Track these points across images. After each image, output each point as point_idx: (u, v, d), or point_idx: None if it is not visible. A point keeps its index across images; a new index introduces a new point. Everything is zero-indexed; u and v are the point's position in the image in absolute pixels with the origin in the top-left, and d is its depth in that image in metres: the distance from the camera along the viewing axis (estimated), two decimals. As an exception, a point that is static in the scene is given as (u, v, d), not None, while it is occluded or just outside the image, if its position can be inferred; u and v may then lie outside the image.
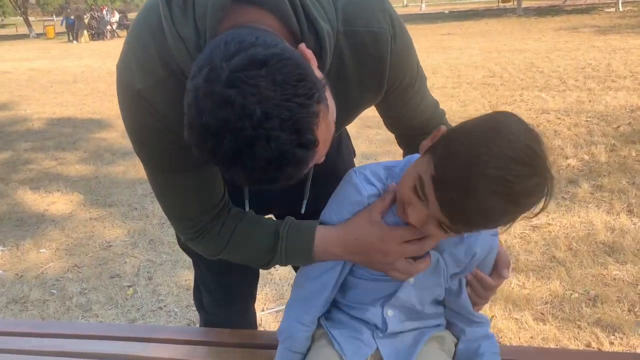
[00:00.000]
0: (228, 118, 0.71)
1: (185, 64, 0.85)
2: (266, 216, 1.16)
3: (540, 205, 0.84)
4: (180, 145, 0.95)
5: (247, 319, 1.64)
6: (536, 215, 0.88)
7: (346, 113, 1.06)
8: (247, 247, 1.12)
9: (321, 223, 1.08)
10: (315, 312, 1.10)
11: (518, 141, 0.79)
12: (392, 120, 1.21)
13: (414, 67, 1.08)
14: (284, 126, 0.71)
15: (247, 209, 1.14)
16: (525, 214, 0.85)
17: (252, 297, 1.62)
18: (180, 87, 0.82)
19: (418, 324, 1.11)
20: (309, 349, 1.13)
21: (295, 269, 1.24)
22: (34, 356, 1.39)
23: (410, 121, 1.18)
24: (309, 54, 0.83)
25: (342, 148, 1.48)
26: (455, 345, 1.14)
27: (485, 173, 0.78)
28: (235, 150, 0.73)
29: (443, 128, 0.92)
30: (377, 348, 1.09)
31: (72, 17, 24.85)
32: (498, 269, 1.10)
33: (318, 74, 0.83)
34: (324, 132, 0.79)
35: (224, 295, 1.54)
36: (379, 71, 1.00)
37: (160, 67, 0.90)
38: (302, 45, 0.83)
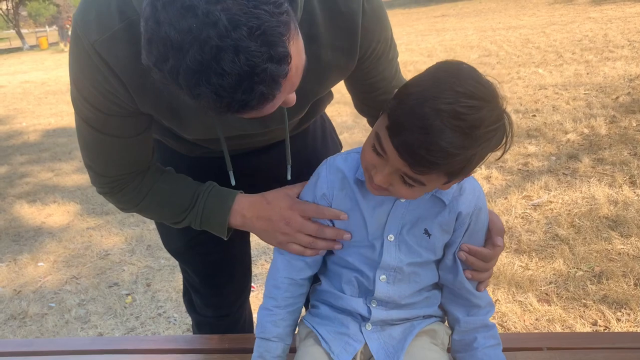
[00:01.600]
0: (190, 27, 0.64)
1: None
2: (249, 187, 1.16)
3: (502, 143, 0.86)
4: (124, 112, 0.96)
5: (241, 317, 1.60)
6: (501, 156, 0.88)
7: (319, 77, 1.02)
8: (161, 206, 1.12)
9: None
10: (280, 297, 1.08)
11: (467, 78, 0.81)
12: (364, 97, 1.16)
13: (387, 35, 1.04)
14: (252, 35, 0.65)
15: (232, 182, 1.11)
16: (488, 152, 0.86)
17: (244, 296, 1.58)
18: (135, 44, 0.79)
19: (406, 313, 1.06)
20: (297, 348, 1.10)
21: None
22: (16, 377, 1.36)
23: (383, 96, 1.13)
24: None
25: (327, 139, 1.44)
26: (450, 337, 1.10)
27: (436, 109, 0.78)
28: (200, 64, 0.66)
29: None
30: (366, 343, 1.04)
31: (67, 27, 24.92)
32: (492, 237, 1.04)
33: None
34: (297, 54, 0.74)
35: (213, 297, 1.50)
36: (351, 31, 0.97)
37: (117, 21, 0.86)
38: None
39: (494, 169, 3.80)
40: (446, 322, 1.13)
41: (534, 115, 4.95)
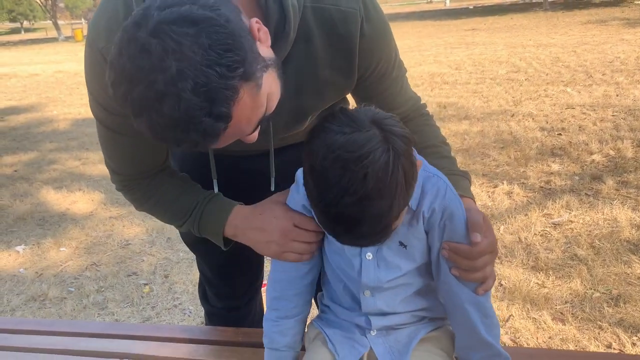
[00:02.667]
0: (143, 67, 0.70)
1: None
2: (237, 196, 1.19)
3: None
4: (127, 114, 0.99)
5: (251, 311, 1.63)
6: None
7: (317, 94, 1.04)
8: (166, 208, 1.17)
9: None
10: (284, 307, 1.09)
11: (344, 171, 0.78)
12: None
13: (390, 54, 1.05)
14: (196, 90, 0.70)
15: (215, 189, 1.15)
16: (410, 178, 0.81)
17: (253, 290, 1.61)
18: None
19: (407, 318, 1.06)
20: (306, 348, 1.12)
21: None
22: (37, 354, 1.40)
23: (388, 109, 1.13)
24: (261, 32, 0.80)
25: None
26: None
27: (341, 215, 0.80)
28: (144, 101, 0.72)
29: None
30: (371, 347, 1.06)
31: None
32: (469, 235, 0.95)
33: (266, 52, 0.81)
34: (247, 110, 0.77)
35: (225, 289, 1.53)
36: (348, 51, 0.98)
37: None
38: (254, 21, 0.80)
39: (515, 185, 3.78)
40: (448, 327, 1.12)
41: (560, 134, 4.90)
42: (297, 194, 1.04)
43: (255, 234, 1.08)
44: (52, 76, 12.98)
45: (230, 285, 1.52)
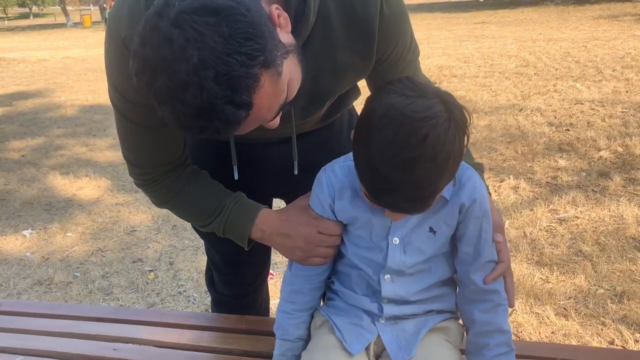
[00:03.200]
0: (166, 57, 0.71)
1: None
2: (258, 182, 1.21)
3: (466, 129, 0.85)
4: (147, 104, 0.98)
5: (258, 299, 1.64)
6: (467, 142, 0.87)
7: (335, 78, 1.05)
8: (190, 208, 1.17)
9: None
10: (300, 301, 1.11)
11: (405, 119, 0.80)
12: None
13: (407, 37, 1.06)
14: (218, 79, 0.71)
15: (236, 176, 1.15)
16: (461, 149, 0.83)
17: (261, 279, 1.62)
18: None
19: (418, 309, 1.07)
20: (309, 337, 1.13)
21: None
22: (42, 336, 1.42)
23: None
24: (281, 18, 0.81)
25: (349, 128, 1.43)
26: (463, 336, 1.11)
27: (395, 164, 0.80)
28: (167, 90, 0.73)
29: None
30: (379, 335, 1.06)
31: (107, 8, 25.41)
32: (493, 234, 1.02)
33: (286, 38, 0.81)
34: (269, 97, 0.79)
35: (233, 277, 1.54)
36: (367, 35, 0.98)
37: None
38: (274, 7, 0.80)
39: (522, 180, 3.77)
40: (460, 320, 1.13)
41: (568, 130, 4.88)
42: (321, 193, 1.05)
43: (281, 239, 1.11)
44: (60, 62, 13.01)
45: (239, 274, 1.53)
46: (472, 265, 1.02)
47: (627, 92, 6.07)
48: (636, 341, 2.13)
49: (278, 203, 1.49)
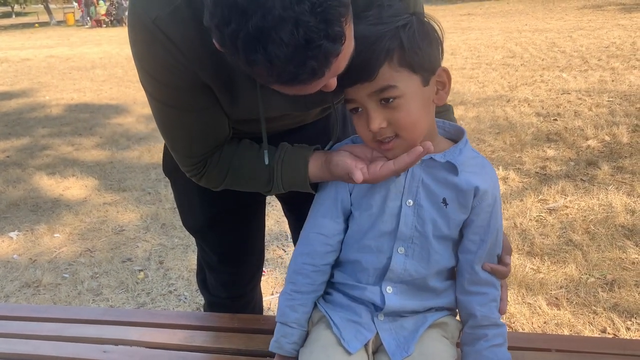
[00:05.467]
0: None
1: None
2: None
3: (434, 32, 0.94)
4: (191, 84, 0.97)
5: (253, 299, 1.63)
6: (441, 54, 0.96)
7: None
8: (246, 181, 1.12)
9: None
10: (300, 282, 1.09)
11: None
12: None
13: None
14: (314, 11, 0.69)
15: (266, 161, 1.10)
16: (421, 37, 0.90)
17: (257, 278, 1.60)
18: (196, 19, 0.82)
19: (420, 304, 1.06)
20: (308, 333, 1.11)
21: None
22: (31, 340, 1.39)
23: None
24: None
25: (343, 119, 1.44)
26: (461, 331, 1.10)
27: None
28: (260, 31, 0.69)
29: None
30: (377, 333, 1.05)
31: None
32: (502, 256, 1.07)
33: None
34: (349, 38, 0.78)
35: (228, 277, 1.52)
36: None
37: None
38: None
39: (511, 171, 3.78)
40: (457, 316, 1.13)
41: (555, 120, 4.90)
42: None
43: (338, 171, 1.04)
44: (44, 61, 12.84)
45: (235, 273, 1.51)
46: (476, 255, 1.03)
47: (613, 81, 6.11)
48: (627, 329, 2.14)
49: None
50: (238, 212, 1.38)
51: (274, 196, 1.55)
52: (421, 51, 0.90)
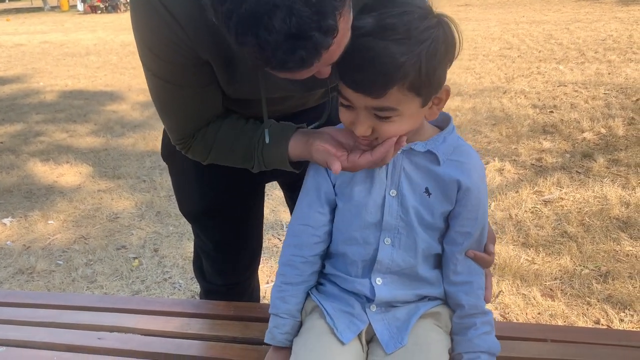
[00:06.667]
0: None
1: None
2: None
3: (452, 48, 0.90)
4: (193, 62, 0.98)
5: (249, 287, 1.62)
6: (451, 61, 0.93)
7: None
8: (229, 146, 1.13)
9: None
10: (290, 274, 1.10)
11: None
12: None
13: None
14: (308, 2, 0.69)
15: (267, 140, 1.11)
16: (438, 57, 0.87)
17: (254, 267, 1.60)
18: None
19: (411, 293, 1.06)
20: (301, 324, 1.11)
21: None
22: (25, 327, 1.38)
23: None
24: None
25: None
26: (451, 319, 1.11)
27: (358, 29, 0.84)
28: (253, 15, 0.69)
29: None
30: (370, 323, 1.05)
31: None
32: (487, 245, 1.08)
33: None
34: (343, 31, 0.77)
35: (225, 264, 1.51)
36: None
37: None
38: None
39: (507, 162, 3.78)
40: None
41: (552, 112, 4.90)
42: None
43: (317, 155, 1.04)
44: (37, 47, 12.72)
45: (232, 261, 1.50)
46: (462, 246, 1.03)
47: (609, 73, 6.11)
48: (621, 320, 2.15)
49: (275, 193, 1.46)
50: (236, 199, 1.37)
51: (272, 184, 1.55)
52: (435, 75, 0.88)
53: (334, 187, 1.06)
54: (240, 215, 1.41)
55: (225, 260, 1.49)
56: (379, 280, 1.04)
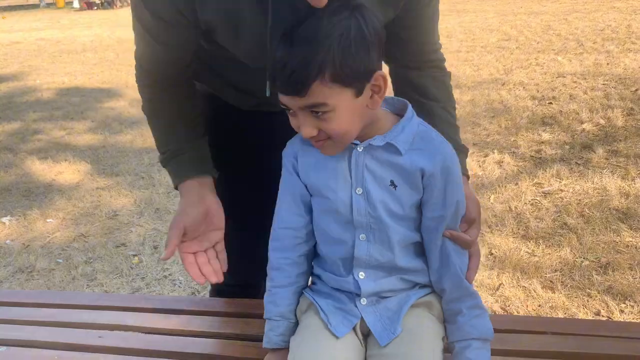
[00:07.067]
0: None
1: None
2: None
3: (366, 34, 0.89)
4: (176, 21, 1.02)
5: (262, 288, 1.55)
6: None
7: None
8: (154, 130, 1.24)
9: None
10: (277, 277, 1.11)
11: None
12: (397, 44, 1.16)
13: None
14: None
15: (267, 93, 1.08)
16: (355, 47, 0.88)
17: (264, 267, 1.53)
18: None
19: (398, 281, 1.05)
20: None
21: None
22: (25, 326, 1.38)
23: (415, 47, 1.19)
24: None
25: None
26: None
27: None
28: None
29: None
30: (362, 317, 1.05)
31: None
32: (466, 225, 1.06)
33: None
34: None
35: (240, 265, 1.43)
36: None
37: None
38: None
39: (506, 154, 3.77)
40: None
41: (550, 103, 4.89)
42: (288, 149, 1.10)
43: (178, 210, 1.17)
44: (34, 44, 12.67)
45: (246, 262, 1.41)
46: (438, 232, 1.02)
47: (608, 64, 6.09)
48: (621, 311, 2.15)
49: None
50: (253, 172, 1.37)
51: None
52: (355, 63, 0.89)
53: (306, 187, 1.07)
54: (254, 187, 1.39)
55: (240, 259, 1.36)
56: (361, 275, 1.04)
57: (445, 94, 1.25)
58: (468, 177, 1.21)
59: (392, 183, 1.00)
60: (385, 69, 1.02)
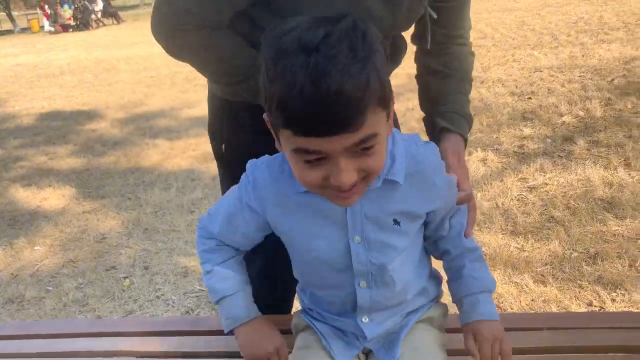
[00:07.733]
0: None
1: None
2: None
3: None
4: None
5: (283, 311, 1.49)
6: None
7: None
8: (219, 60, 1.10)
9: None
10: (214, 259, 1.02)
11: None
12: (441, 12, 1.19)
13: None
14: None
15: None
16: (382, 62, 0.73)
17: (291, 291, 1.41)
18: None
19: (402, 315, 1.04)
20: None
21: None
22: (18, 359, 1.36)
23: (454, 22, 1.30)
24: None
25: None
26: (445, 317, 1.11)
27: (299, 65, 0.69)
28: None
29: None
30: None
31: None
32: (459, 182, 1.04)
33: None
34: None
35: (263, 292, 1.26)
36: None
37: None
38: None
39: (489, 152, 3.80)
40: (440, 300, 1.12)
41: (530, 98, 4.94)
42: (244, 193, 0.96)
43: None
44: (10, 70, 12.54)
45: (270, 291, 1.31)
46: (447, 232, 1.02)
47: (583, 56, 6.18)
48: (613, 300, 2.17)
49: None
50: None
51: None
52: (388, 79, 0.77)
53: (271, 229, 0.98)
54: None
55: (263, 287, 1.25)
56: (365, 319, 1.00)
57: (468, 69, 1.34)
58: (466, 141, 1.25)
59: (396, 221, 0.91)
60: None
